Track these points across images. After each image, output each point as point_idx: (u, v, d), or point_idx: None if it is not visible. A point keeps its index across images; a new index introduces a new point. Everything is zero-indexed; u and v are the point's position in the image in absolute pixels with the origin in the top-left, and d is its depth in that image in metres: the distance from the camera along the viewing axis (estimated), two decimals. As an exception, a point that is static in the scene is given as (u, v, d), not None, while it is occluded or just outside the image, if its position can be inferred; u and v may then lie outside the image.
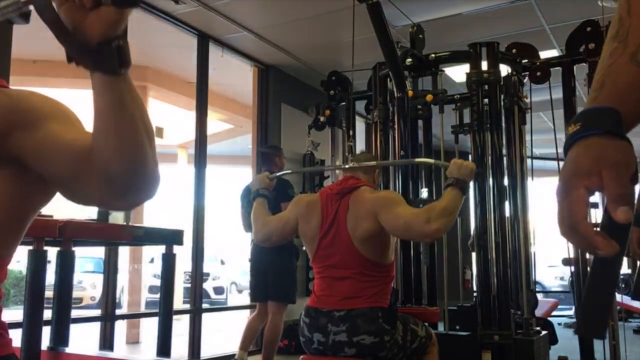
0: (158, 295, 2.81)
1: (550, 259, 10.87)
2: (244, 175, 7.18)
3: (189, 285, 5.87)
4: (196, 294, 5.17)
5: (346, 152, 4.33)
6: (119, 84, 0.77)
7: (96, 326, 4.64)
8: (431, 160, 3.17)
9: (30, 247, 2.22)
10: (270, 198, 2.74)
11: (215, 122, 7.85)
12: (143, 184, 0.82)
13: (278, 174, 2.94)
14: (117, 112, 0.78)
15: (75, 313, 2.89)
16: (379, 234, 2.33)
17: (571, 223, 0.63)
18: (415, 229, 2.25)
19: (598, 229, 0.64)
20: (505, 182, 3.46)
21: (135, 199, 0.84)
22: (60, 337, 2.37)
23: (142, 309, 7.62)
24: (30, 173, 0.90)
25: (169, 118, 8.34)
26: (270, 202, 2.74)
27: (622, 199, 0.61)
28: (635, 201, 0.85)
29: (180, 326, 6.27)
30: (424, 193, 3.54)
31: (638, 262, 1.72)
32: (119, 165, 0.80)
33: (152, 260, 11.89)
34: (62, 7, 0.75)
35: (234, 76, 6.23)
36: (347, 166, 2.70)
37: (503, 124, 3.50)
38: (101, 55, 0.75)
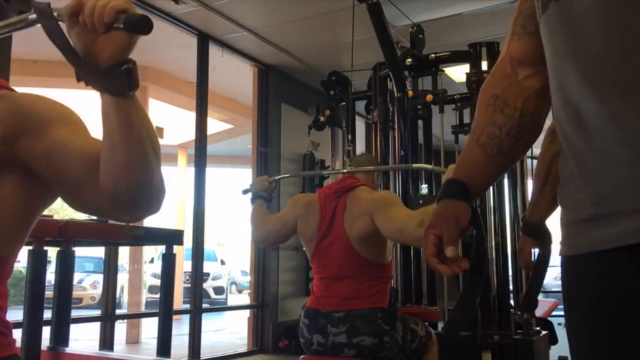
0: (158, 295, 2.81)
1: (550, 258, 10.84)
2: (244, 176, 7.19)
3: (189, 285, 5.87)
4: (196, 294, 5.17)
5: (344, 157, 4.33)
6: (127, 104, 0.78)
7: (96, 326, 4.64)
8: (429, 166, 3.16)
9: (30, 247, 2.22)
10: (269, 200, 2.75)
11: (215, 122, 7.84)
12: (149, 199, 0.84)
13: (277, 177, 2.95)
14: (125, 130, 0.79)
15: (75, 313, 2.88)
16: (375, 234, 2.29)
17: (425, 257, 0.94)
18: (408, 232, 2.15)
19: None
20: (505, 182, 3.45)
21: (140, 213, 0.86)
22: (60, 337, 2.36)
23: (142, 309, 7.62)
24: (37, 177, 0.91)
25: (169, 118, 8.33)
26: (270, 204, 2.76)
27: (449, 242, 0.91)
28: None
29: (180, 326, 6.27)
30: (424, 189, 3.53)
31: (529, 274, 1.84)
32: (126, 182, 0.81)
33: (152, 260, 11.90)
34: (73, 30, 0.75)
35: (234, 76, 6.22)
36: (345, 170, 2.69)
37: (503, 124, 3.49)
38: (111, 79, 0.76)
